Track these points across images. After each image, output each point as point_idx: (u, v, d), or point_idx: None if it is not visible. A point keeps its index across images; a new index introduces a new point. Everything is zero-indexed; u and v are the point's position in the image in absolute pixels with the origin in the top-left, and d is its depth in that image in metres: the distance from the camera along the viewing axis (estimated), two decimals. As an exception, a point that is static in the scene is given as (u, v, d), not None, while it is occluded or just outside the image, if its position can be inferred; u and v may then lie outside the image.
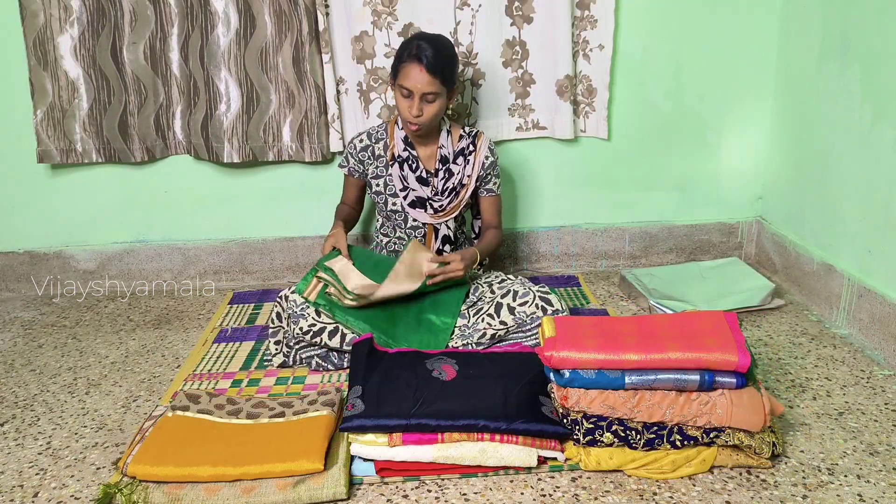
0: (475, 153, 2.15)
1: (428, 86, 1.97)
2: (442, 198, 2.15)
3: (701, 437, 1.51)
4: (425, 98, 1.99)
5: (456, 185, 2.15)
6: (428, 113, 2.01)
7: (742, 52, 2.52)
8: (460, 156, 2.15)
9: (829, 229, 2.26)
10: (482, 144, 2.16)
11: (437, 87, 1.98)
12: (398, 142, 2.13)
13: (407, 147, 2.13)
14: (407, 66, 1.98)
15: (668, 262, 2.72)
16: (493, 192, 2.22)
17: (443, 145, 2.13)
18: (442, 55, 1.99)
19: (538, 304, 1.98)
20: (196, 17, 2.34)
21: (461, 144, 2.15)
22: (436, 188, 2.15)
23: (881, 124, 1.99)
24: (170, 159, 2.54)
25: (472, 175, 2.15)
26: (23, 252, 2.62)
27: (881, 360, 1.98)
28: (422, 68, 1.96)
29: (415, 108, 1.99)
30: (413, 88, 1.97)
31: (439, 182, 2.15)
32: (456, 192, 2.15)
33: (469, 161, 2.15)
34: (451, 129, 2.16)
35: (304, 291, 1.96)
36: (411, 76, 1.97)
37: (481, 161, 2.16)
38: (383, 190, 2.19)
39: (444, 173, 2.14)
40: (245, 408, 1.70)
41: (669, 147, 2.62)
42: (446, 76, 2.00)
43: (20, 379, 2.02)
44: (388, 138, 2.16)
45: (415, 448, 1.51)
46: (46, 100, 2.39)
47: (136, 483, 1.47)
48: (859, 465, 1.54)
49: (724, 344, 1.50)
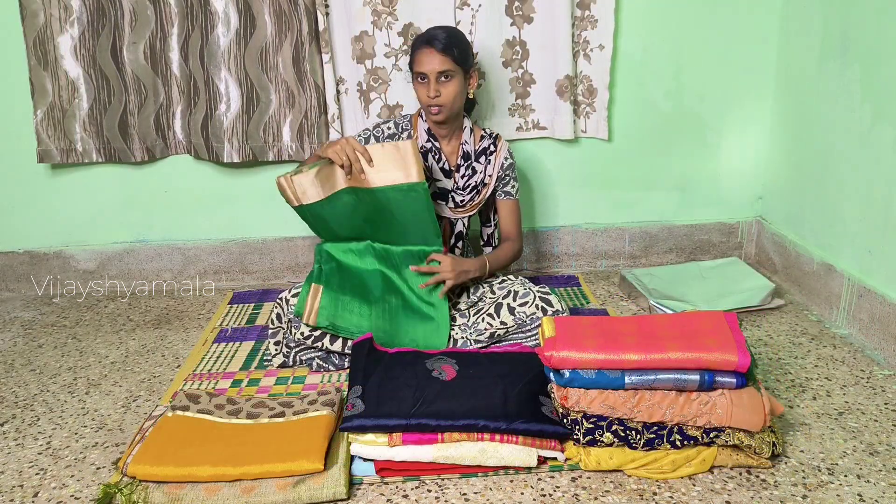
0: (496, 153, 2.16)
1: (440, 64, 1.97)
2: (464, 193, 2.16)
3: (701, 437, 1.51)
4: (441, 79, 1.99)
5: (478, 184, 2.16)
6: (446, 93, 2.00)
7: (742, 52, 2.52)
8: (482, 155, 2.16)
9: (829, 229, 2.26)
10: (502, 146, 2.17)
11: (449, 65, 1.98)
12: (422, 133, 2.13)
13: (430, 139, 2.13)
14: (419, 53, 2.00)
15: (668, 262, 2.72)
16: (511, 195, 2.19)
17: (466, 142, 2.14)
18: (454, 38, 2.00)
19: (538, 304, 1.98)
20: (196, 16, 2.34)
21: (483, 144, 2.16)
22: (457, 184, 2.15)
23: (881, 124, 1.99)
24: (170, 159, 2.54)
25: (493, 175, 2.16)
26: (23, 252, 2.62)
27: (881, 360, 1.98)
28: (432, 50, 1.97)
29: (431, 89, 1.99)
30: (428, 71, 1.98)
31: (461, 178, 2.15)
32: (477, 190, 2.16)
33: (490, 161, 2.16)
34: (474, 129, 2.17)
35: (304, 315, 1.91)
36: (424, 60, 1.99)
37: (501, 162, 2.16)
38: None
39: (467, 170, 2.15)
40: (245, 408, 1.70)
41: (669, 147, 2.62)
42: (459, 55, 2.00)
43: (20, 379, 2.02)
44: (413, 129, 2.15)
45: (415, 448, 1.51)
46: (46, 100, 2.39)
47: (136, 483, 1.47)
48: (859, 465, 1.54)
49: (724, 344, 1.50)
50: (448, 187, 2.15)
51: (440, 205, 2.16)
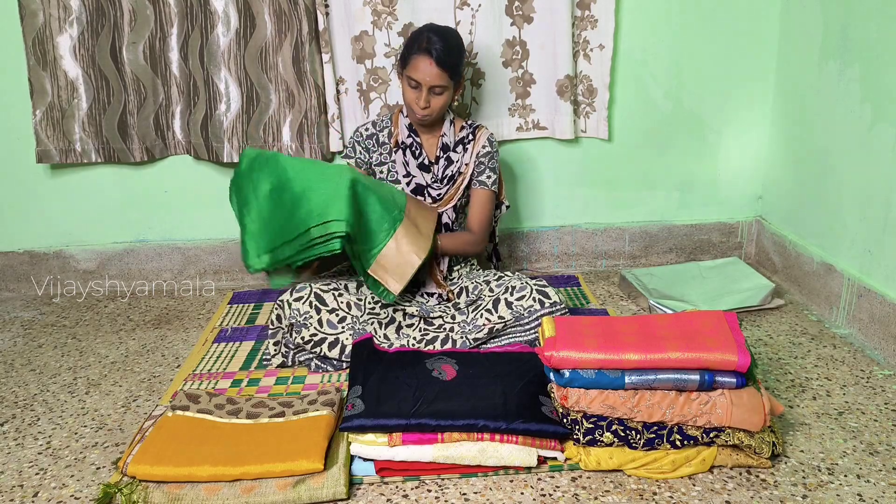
0: (474, 142, 2.16)
1: (436, 79, 1.99)
2: (440, 185, 2.17)
3: (701, 437, 1.51)
4: (433, 91, 2.02)
5: (454, 173, 2.17)
6: (435, 105, 2.04)
7: (742, 52, 2.52)
8: (460, 144, 2.17)
9: (829, 229, 2.26)
10: (482, 135, 2.17)
11: (444, 81, 2.01)
12: (402, 129, 2.15)
13: (411, 133, 2.15)
14: (416, 59, 2.00)
15: (668, 262, 2.72)
16: (483, 185, 2.16)
17: (445, 133, 2.15)
18: (452, 50, 2.01)
19: (535, 297, 1.98)
20: (196, 16, 2.34)
21: (462, 134, 2.18)
22: (436, 175, 2.17)
23: (881, 124, 1.99)
24: (169, 159, 2.54)
25: (469, 164, 2.16)
26: (23, 252, 2.62)
27: (881, 359, 1.98)
28: (431, 62, 1.98)
29: (422, 100, 2.02)
30: (422, 81, 2.00)
31: (439, 169, 2.16)
32: (454, 179, 2.17)
33: (467, 150, 2.17)
34: (455, 121, 2.18)
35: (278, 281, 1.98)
36: (420, 69, 1.99)
37: (478, 150, 2.16)
38: (386, 177, 2.19)
39: (445, 161, 2.16)
40: (245, 407, 1.70)
41: (669, 147, 2.62)
42: (454, 70, 2.03)
43: (20, 379, 2.02)
44: (393, 126, 2.18)
45: (415, 448, 1.51)
46: (46, 100, 2.39)
47: (136, 483, 1.46)
48: (859, 465, 1.54)
49: (724, 344, 1.50)
50: (423, 182, 2.16)
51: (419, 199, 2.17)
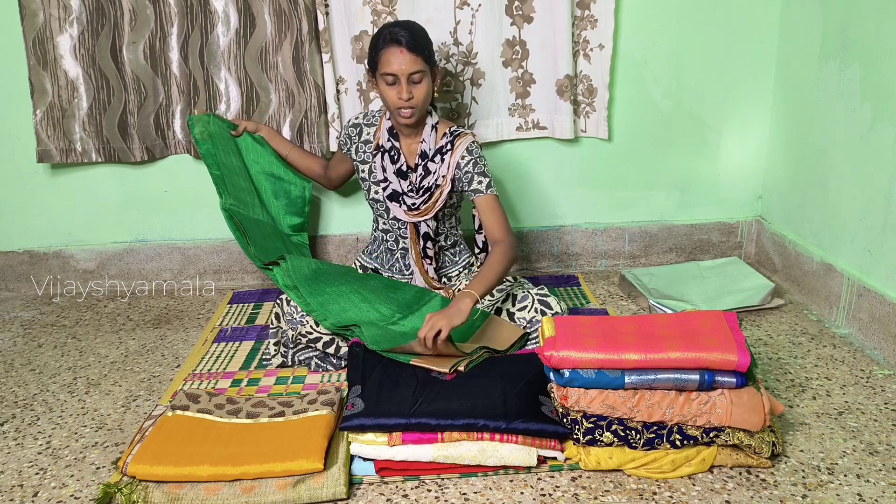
0: (451, 152, 2.02)
1: (412, 64, 1.91)
2: (416, 196, 2.06)
3: (701, 437, 1.51)
4: (412, 80, 1.93)
5: (431, 186, 2.05)
6: (418, 94, 1.95)
7: (742, 52, 2.52)
8: (438, 154, 2.05)
9: (829, 229, 2.26)
10: (461, 144, 2.02)
11: (420, 66, 1.93)
12: (384, 132, 2.09)
13: (391, 138, 2.07)
14: (386, 52, 1.92)
15: (667, 262, 2.72)
16: (481, 192, 1.99)
17: (424, 140, 2.05)
18: (417, 34, 1.95)
19: (537, 307, 1.98)
20: (196, 16, 2.34)
21: (441, 142, 2.04)
22: (413, 184, 2.07)
23: (881, 124, 1.99)
24: (169, 159, 2.54)
25: (446, 176, 2.02)
26: (22, 252, 2.62)
27: (881, 359, 1.98)
28: (402, 49, 1.90)
29: (404, 91, 1.92)
30: (398, 72, 1.91)
31: (417, 178, 2.07)
32: (431, 192, 2.06)
33: (444, 160, 2.03)
34: (438, 126, 2.06)
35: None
36: (393, 60, 1.91)
37: (456, 161, 2.01)
38: (367, 177, 2.15)
39: (423, 170, 2.06)
40: (245, 407, 1.70)
41: (669, 147, 2.62)
42: (427, 54, 1.95)
43: (20, 379, 2.02)
44: (378, 127, 2.13)
45: (414, 447, 1.52)
46: (46, 99, 2.39)
47: (136, 483, 1.47)
48: (859, 465, 1.54)
49: (724, 343, 1.50)
50: (399, 189, 2.07)
51: (395, 206, 2.09)
